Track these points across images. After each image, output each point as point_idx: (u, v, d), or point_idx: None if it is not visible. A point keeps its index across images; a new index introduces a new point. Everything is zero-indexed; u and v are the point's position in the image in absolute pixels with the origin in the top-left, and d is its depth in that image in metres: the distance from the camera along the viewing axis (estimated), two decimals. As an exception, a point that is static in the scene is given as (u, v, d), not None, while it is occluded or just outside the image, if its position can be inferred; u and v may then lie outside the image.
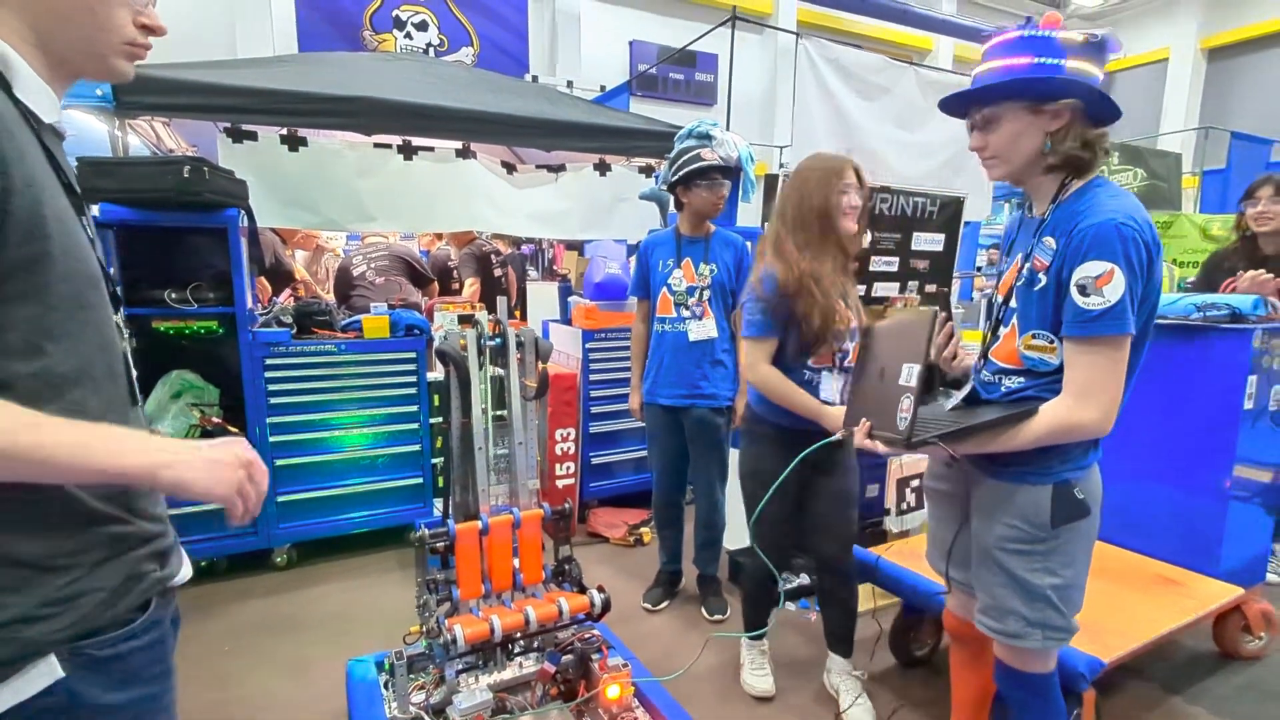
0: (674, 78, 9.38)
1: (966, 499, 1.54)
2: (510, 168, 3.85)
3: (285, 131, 3.21)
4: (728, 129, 3.63)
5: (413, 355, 3.14)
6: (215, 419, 2.74)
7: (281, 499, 2.93)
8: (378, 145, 3.41)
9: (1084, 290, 1.20)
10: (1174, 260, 4.90)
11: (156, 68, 2.90)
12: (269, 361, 2.86)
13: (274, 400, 2.89)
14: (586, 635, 1.88)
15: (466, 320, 3.09)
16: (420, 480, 3.20)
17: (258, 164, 3.12)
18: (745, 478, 2.11)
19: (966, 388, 1.44)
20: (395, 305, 3.48)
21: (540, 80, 8.24)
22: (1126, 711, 2.10)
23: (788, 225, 1.95)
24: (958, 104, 1.36)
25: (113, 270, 2.43)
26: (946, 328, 1.52)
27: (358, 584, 2.88)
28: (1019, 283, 1.34)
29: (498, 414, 1.89)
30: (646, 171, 4.07)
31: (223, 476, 0.74)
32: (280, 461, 2.92)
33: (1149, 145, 6.46)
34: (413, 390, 3.15)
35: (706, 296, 2.55)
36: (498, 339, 1.85)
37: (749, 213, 3.71)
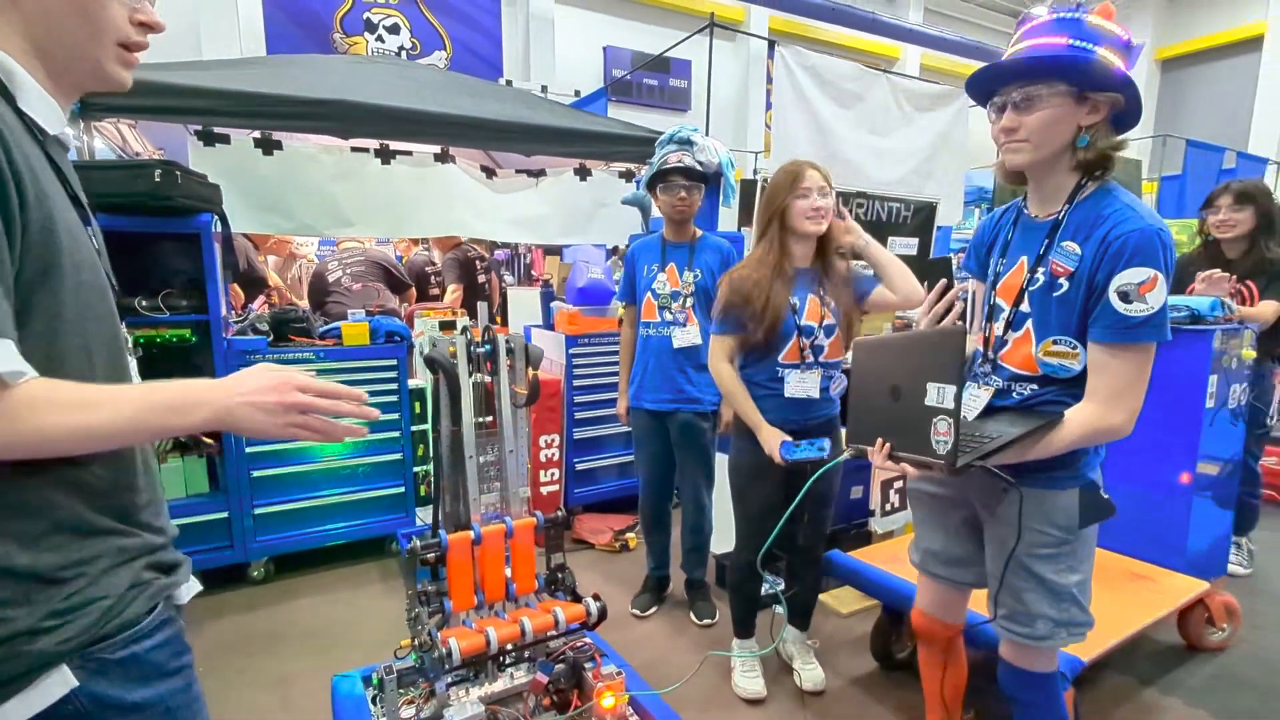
0: (648, 83, 9.41)
1: (964, 504, 1.53)
2: (490, 172, 3.82)
3: (259, 135, 3.14)
4: (707, 134, 3.65)
5: (393, 362, 3.09)
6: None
7: (259, 511, 2.86)
8: (355, 149, 3.36)
9: (1126, 297, 1.17)
10: None
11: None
12: (245, 370, 2.79)
13: (250, 410, 2.81)
14: (579, 644, 1.86)
15: (448, 326, 3.06)
16: (402, 489, 3.14)
17: (230, 168, 3.05)
18: (730, 471, 2.23)
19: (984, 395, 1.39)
20: (373, 312, 3.43)
21: (515, 85, 8.20)
22: (1104, 707, 2.15)
23: (758, 228, 2.09)
24: (996, 77, 1.26)
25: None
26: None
27: (339, 597, 2.82)
28: (1033, 287, 1.30)
29: (480, 420, 1.87)
30: (627, 176, 4.08)
31: (269, 421, 0.77)
32: (257, 473, 2.84)
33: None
34: (394, 398, 3.10)
35: (690, 303, 2.56)
36: (487, 345, 1.84)
37: (730, 218, 3.74)
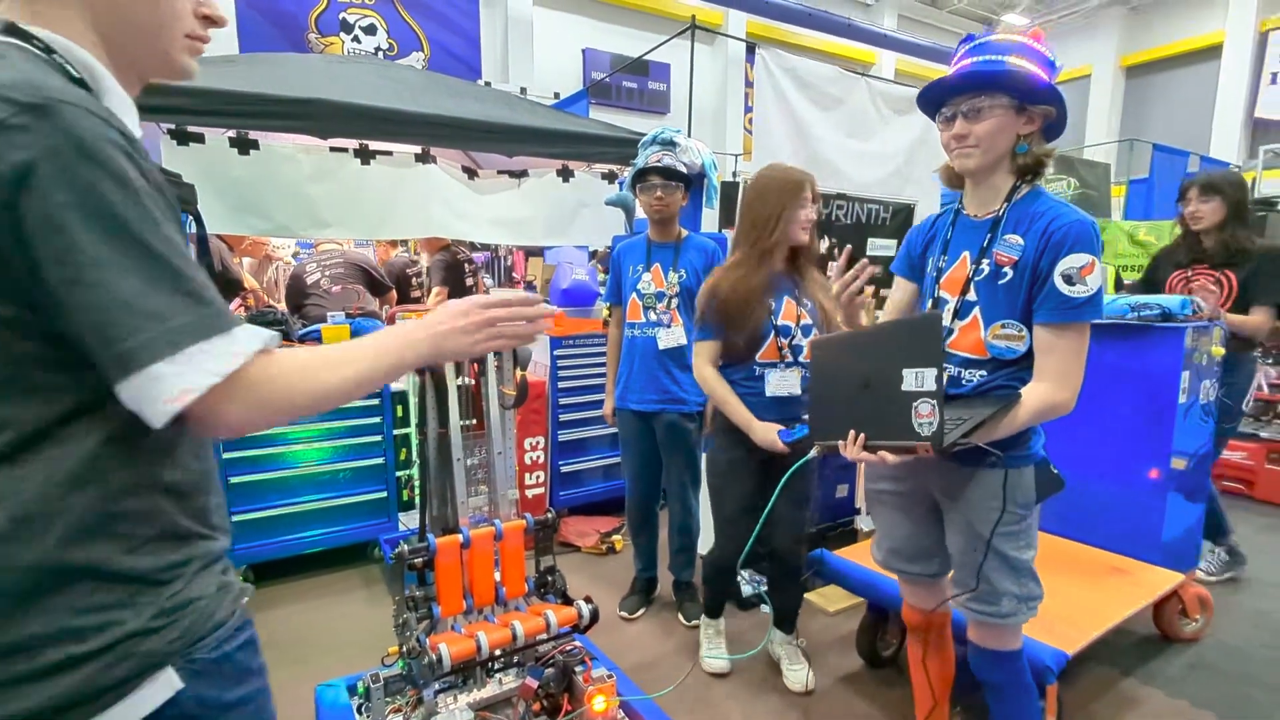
0: (627, 86, 9.44)
1: (924, 496, 1.57)
2: (471, 173, 3.79)
3: (234, 134, 3.07)
4: (689, 136, 3.66)
5: (374, 365, 3.04)
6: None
7: (237, 518, 2.78)
8: (334, 149, 3.30)
9: (1069, 280, 1.29)
10: (1118, 266, 5.21)
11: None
12: (221, 374, 2.72)
13: (227, 415, 2.75)
14: (568, 647, 1.85)
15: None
16: (384, 494, 3.09)
17: (204, 167, 2.98)
18: (707, 469, 2.27)
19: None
20: (354, 314, 3.37)
21: (494, 87, 8.15)
22: (1085, 699, 2.18)
23: (742, 232, 2.07)
24: (948, 90, 1.39)
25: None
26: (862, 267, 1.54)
27: (320, 605, 2.77)
28: (978, 278, 1.41)
29: (465, 423, 1.85)
30: (610, 178, 4.06)
31: (465, 347, 0.86)
32: (235, 479, 2.78)
33: (1077, 156, 6.84)
34: (375, 401, 3.05)
35: (675, 304, 2.56)
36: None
37: (713, 219, 3.75)
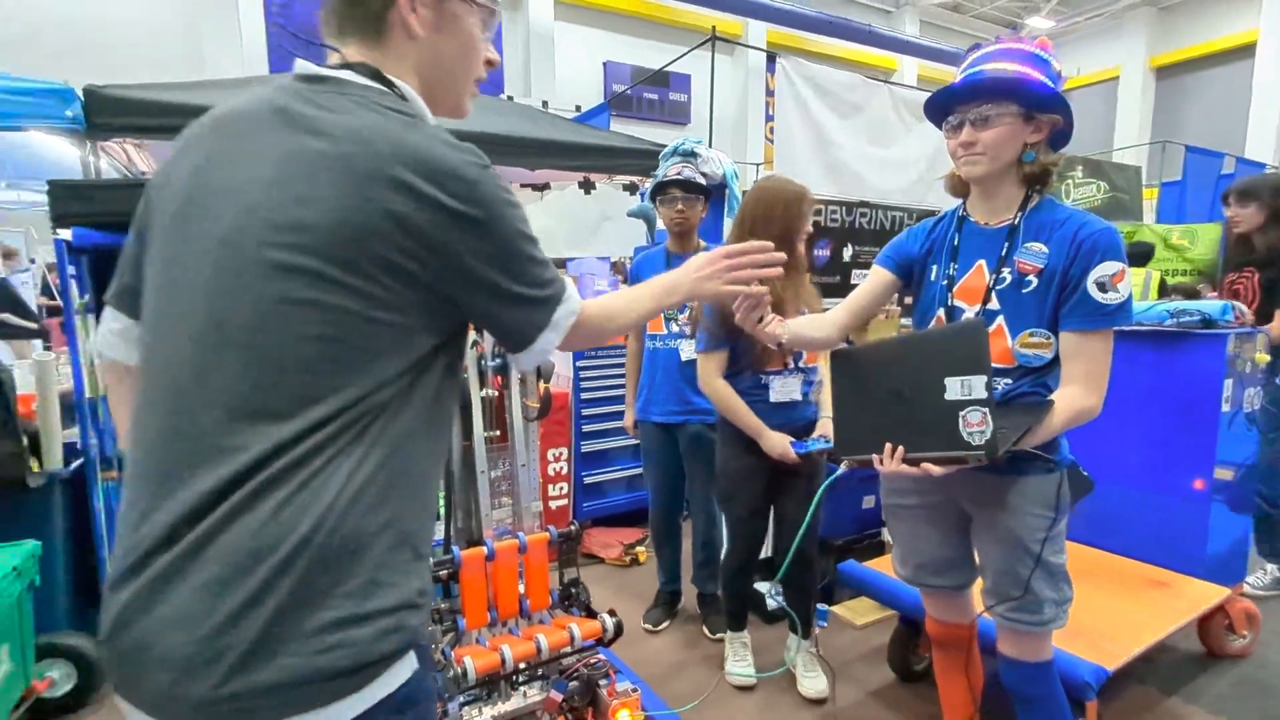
0: (648, 97, 9.50)
1: (952, 507, 1.54)
2: (493, 187, 3.83)
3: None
4: (710, 147, 3.66)
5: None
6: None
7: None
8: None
9: (1103, 287, 1.29)
10: (1162, 272, 5.08)
11: (126, 88, 2.83)
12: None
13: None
14: (593, 660, 1.84)
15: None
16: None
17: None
18: (718, 475, 2.24)
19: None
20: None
21: (516, 100, 8.25)
22: (1125, 716, 2.11)
23: (740, 239, 2.03)
24: (955, 97, 1.38)
25: (87, 296, 2.34)
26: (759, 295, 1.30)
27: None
28: (1000, 286, 1.40)
29: (489, 435, 1.86)
30: (631, 189, 4.09)
31: (712, 289, 0.98)
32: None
33: (1106, 159, 6.70)
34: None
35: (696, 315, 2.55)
36: (497, 359, 1.83)
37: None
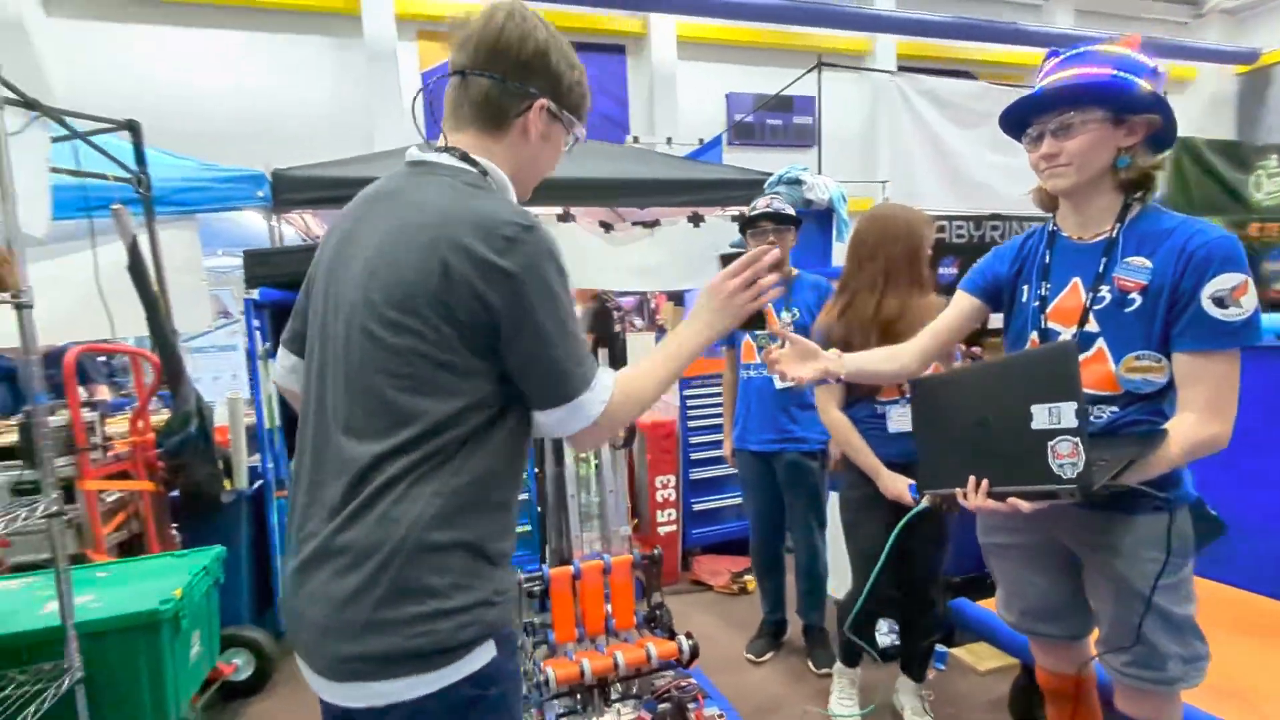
0: (771, 124, 9.50)
1: (1055, 548, 1.42)
2: (608, 227, 4.06)
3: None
4: (819, 171, 3.65)
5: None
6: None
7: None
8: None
9: (1221, 303, 1.17)
10: None
11: (304, 168, 3.38)
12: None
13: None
14: (683, 683, 1.88)
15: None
16: (528, 528, 3.34)
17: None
18: (840, 507, 2.17)
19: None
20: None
21: (640, 139, 8.62)
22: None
23: (882, 268, 2.00)
24: (1032, 109, 1.30)
25: (267, 344, 2.82)
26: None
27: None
28: (1098, 306, 1.29)
29: (583, 460, 1.99)
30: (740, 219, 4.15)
31: (733, 314, 1.05)
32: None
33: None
34: (521, 441, 3.32)
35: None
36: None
37: (842, 252, 3.68)
